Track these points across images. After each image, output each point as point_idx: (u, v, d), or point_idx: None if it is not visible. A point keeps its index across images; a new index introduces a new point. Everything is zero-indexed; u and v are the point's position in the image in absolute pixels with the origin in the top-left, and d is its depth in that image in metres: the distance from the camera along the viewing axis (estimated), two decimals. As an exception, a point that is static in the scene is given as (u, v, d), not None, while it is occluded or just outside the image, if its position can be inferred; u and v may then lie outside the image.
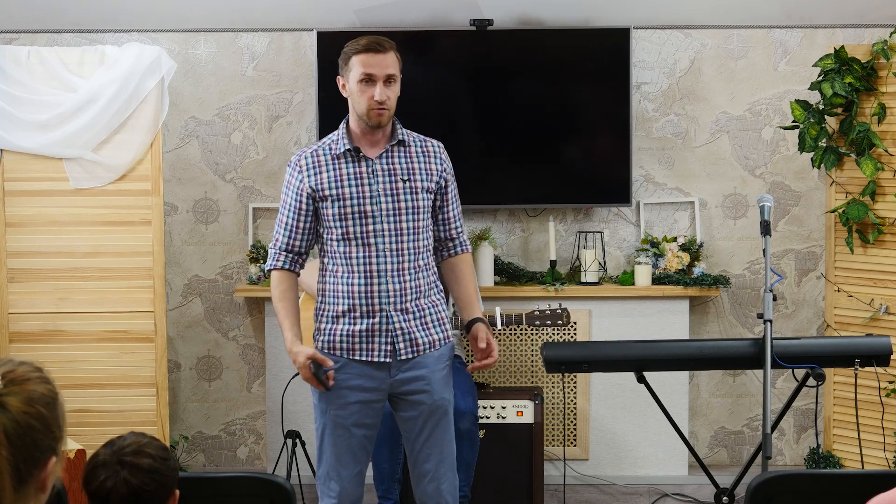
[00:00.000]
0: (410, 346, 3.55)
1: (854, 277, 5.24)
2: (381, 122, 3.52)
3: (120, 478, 2.24)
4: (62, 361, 4.84)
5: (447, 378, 3.64)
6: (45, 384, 1.69)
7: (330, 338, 3.57)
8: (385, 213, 3.51)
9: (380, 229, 3.51)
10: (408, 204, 3.53)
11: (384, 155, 3.55)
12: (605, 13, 5.43)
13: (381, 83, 3.49)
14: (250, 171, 5.58)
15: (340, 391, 3.55)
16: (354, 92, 3.53)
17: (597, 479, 5.44)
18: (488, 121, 5.50)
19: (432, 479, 3.62)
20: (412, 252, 3.54)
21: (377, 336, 3.53)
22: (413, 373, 3.56)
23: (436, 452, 3.61)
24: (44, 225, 4.85)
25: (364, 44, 3.52)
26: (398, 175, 3.54)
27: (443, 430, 3.62)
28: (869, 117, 5.07)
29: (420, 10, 5.41)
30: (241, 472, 4.92)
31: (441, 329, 3.62)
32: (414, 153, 3.59)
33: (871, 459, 5.01)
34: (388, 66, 3.51)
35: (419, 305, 3.57)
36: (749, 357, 4.12)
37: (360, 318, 3.53)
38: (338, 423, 3.57)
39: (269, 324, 5.44)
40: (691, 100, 5.56)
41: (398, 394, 3.60)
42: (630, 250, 5.58)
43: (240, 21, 5.50)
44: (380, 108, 3.49)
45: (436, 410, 3.59)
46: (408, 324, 3.54)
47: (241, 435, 5.68)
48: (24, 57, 4.80)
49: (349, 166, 3.54)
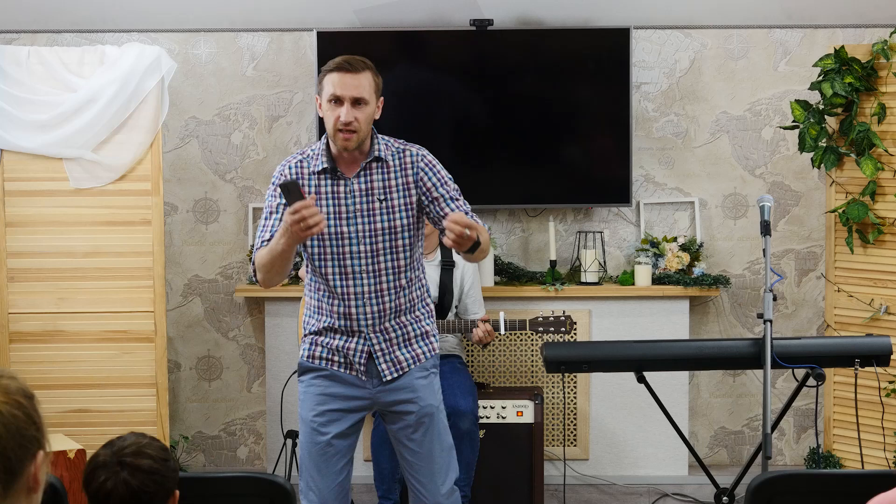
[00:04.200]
0: (393, 365, 3.51)
1: (854, 277, 5.24)
2: (347, 146, 3.39)
3: (120, 478, 2.24)
4: (62, 361, 4.84)
5: (430, 384, 3.58)
6: (15, 380, 1.70)
7: (312, 349, 3.55)
8: (361, 234, 3.43)
9: (356, 251, 3.43)
10: (384, 224, 3.43)
11: (361, 173, 3.44)
12: (605, 13, 5.43)
13: (347, 104, 3.36)
14: (250, 171, 5.58)
15: (319, 397, 3.53)
16: (324, 111, 3.43)
17: (597, 479, 5.44)
18: (488, 121, 5.50)
19: (426, 494, 3.57)
20: (391, 272, 3.45)
21: (356, 356, 3.49)
22: (395, 385, 3.53)
23: (426, 464, 3.56)
24: (44, 225, 4.85)
25: (336, 63, 3.41)
26: (374, 195, 3.43)
27: (434, 437, 3.57)
28: (869, 117, 5.07)
29: (420, 10, 5.41)
30: (241, 472, 4.93)
31: (425, 343, 3.57)
32: (391, 168, 3.46)
33: (871, 459, 5.01)
34: (357, 88, 3.38)
35: (400, 322, 3.51)
36: (749, 357, 4.12)
37: (339, 335, 3.50)
38: (314, 429, 3.52)
39: (269, 324, 5.44)
40: (691, 100, 5.56)
41: (383, 405, 3.56)
42: (630, 250, 5.58)
43: (240, 21, 5.50)
44: (346, 132, 3.37)
45: (423, 418, 3.55)
46: (388, 344, 3.50)
47: (241, 435, 5.68)
48: (24, 57, 4.80)
49: (327, 185, 3.45)
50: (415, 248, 3.53)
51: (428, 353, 3.57)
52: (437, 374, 3.63)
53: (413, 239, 3.50)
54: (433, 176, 3.49)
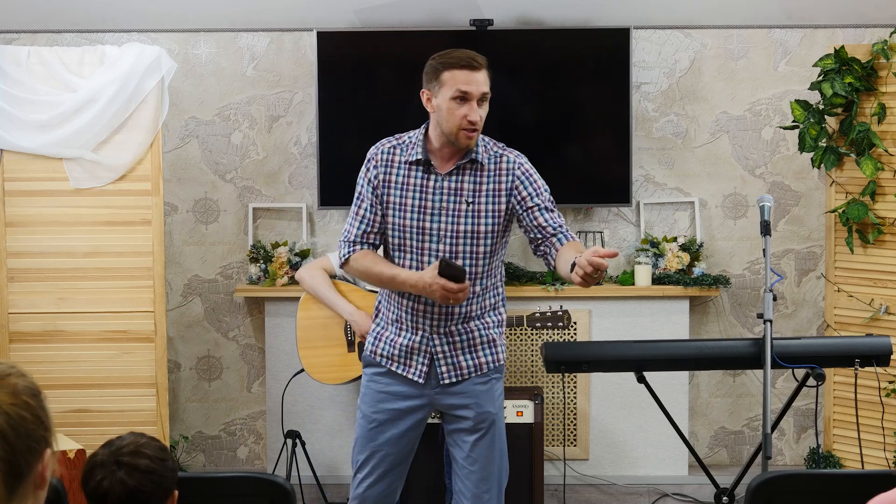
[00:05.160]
0: (453, 369, 3.47)
1: (854, 277, 5.24)
2: (471, 144, 3.38)
3: (117, 478, 2.24)
4: (62, 361, 4.84)
5: (490, 391, 3.52)
6: (24, 377, 1.69)
7: (375, 344, 3.54)
8: (443, 233, 3.39)
9: (435, 248, 3.39)
10: (468, 227, 3.39)
11: (454, 172, 3.40)
12: (605, 13, 5.43)
13: (475, 102, 3.35)
14: (250, 171, 5.58)
15: (379, 394, 3.51)
16: (443, 109, 3.36)
17: (597, 479, 5.44)
18: (488, 121, 5.48)
19: (468, 497, 3.51)
20: (467, 276, 3.34)
21: (416, 355, 3.47)
22: (451, 389, 3.49)
23: (477, 469, 3.51)
24: (44, 225, 4.85)
25: (459, 58, 3.37)
26: (463, 196, 3.39)
27: (487, 444, 3.50)
28: (869, 117, 5.07)
29: (420, 10, 5.41)
30: (241, 472, 4.93)
31: (490, 352, 3.51)
32: (486, 173, 3.41)
33: (871, 459, 5.01)
34: (482, 84, 3.37)
35: (467, 328, 3.47)
36: (749, 357, 4.12)
37: (404, 331, 3.48)
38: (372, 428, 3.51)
39: (269, 324, 5.44)
40: (691, 100, 5.56)
41: (441, 408, 3.53)
42: (630, 250, 5.57)
43: (240, 21, 5.50)
44: (471, 130, 3.35)
45: (480, 424, 3.49)
46: (451, 347, 3.46)
47: (241, 435, 5.68)
48: (24, 57, 4.80)
49: (416, 177, 3.41)
50: (495, 256, 3.46)
51: (492, 363, 3.52)
52: (499, 380, 3.56)
53: (495, 246, 3.44)
54: (530, 186, 3.43)
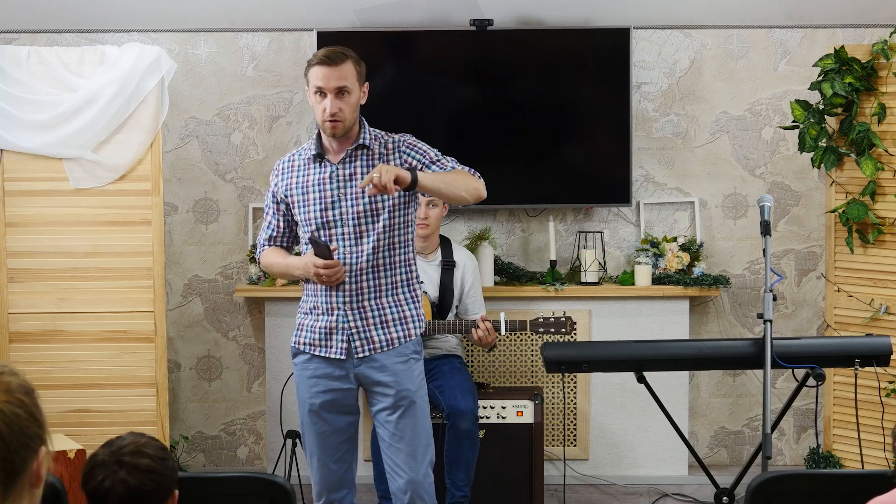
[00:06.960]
0: (367, 343, 3.66)
1: (854, 277, 5.24)
2: (335, 133, 3.61)
3: (118, 478, 2.24)
4: (62, 361, 4.84)
5: (409, 370, 3.69)
6: (16, 376, 1.69)
7: (297, 334, 3.75)
8: (346, 217, 3.62)
9: (340, 232, 3.62)
10: (366, 206, 3.61)
11: (345, 160, 3.65)
12: (605, 13, 5.43)
13: (331, 96, 3.57)
14: (250, 171, 5.58)
15: (310, 380, 3.71)
16: (311, 104, 3.67)
17: (597, 479, 5.44)
18: (488, 121, 5.50)
19: (401, 473, 3.67)
20: (371, 252, 3.61)
21: (334, 334, 3.66)
22: (372, 365, 3.66)
23: (403, 446, 3.67)
24: (44, 225, 4.85)
25: (317, 56, 3.62)
26: (358, 179, 3.62)
27: (411, 422, 3.67)
28: (869, 117, 5.07)
29: (420, 10, 5.41)
30: (241, 472, 4.94)
31: (402, 327, 3.69)
32: (375, 154, 3.65)
33: (871, 459, 5.01)
34: (339, 79, 3.57)
35: (379, 304, 3.66)
36: (749, 357, 4.12)
37: (321, 315, 3.68)
38: (313, 409, 3.71)
39: (269, 324, 5.44)
40: (691, 100, 5.56)
41: (366, 384, 3.71)
42: (630, 250, 5.57)
43: (240, 21, 5.50)
44: (332, 121, 3.58)
45: (400, 402, 3.66)
46: (364, 322, 3.65)
47: (241, 435, 5.68)
48: (24, 57, 4.80)
49: (314, 172, 3.67)
50: (401, 230, 3.67)
51: (404, 338, 3.69)
52: (418, 360, 3.74)
53: (398, 220, 3.65)
54: (416, 153, 3.68)
